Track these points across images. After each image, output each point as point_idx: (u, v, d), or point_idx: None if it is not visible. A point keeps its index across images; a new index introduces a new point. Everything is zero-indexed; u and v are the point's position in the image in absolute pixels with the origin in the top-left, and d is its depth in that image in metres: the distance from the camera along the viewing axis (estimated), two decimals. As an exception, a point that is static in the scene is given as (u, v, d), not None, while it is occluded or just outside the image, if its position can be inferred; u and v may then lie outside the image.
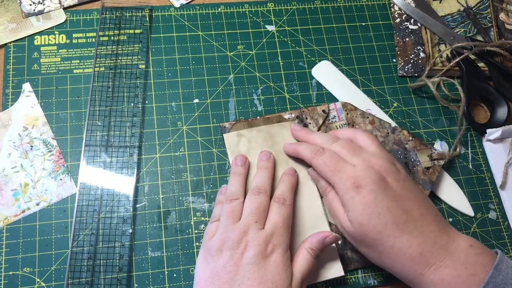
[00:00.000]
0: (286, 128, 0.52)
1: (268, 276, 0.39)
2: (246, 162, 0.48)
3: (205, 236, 0.43)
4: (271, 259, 0.40)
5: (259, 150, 0.50)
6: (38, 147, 0.50)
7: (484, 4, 0.63)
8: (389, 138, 0.52)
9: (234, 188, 0.46)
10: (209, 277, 0.40)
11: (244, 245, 0.40)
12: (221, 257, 0.40)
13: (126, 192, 0.49)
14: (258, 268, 0.39)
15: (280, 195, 0.45)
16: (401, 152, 0.52)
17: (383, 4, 0.62)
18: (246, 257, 0.40)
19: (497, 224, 0.52)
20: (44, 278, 0.45)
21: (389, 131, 0.53)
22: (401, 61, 0.59)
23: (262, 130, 0.51)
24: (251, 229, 0.41)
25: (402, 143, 0.52)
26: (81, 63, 0.54)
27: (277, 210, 0.43)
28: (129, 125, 0.52)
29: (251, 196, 0.44)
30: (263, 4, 0.60)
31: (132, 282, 0.46)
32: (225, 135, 0.51)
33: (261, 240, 0.41)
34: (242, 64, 0.56)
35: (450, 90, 0.58)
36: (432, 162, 0.51)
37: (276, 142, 0.51)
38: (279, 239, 0.41)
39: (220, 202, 0.47)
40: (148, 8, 0.58)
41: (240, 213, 0.43)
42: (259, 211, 0.43)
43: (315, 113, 0.53)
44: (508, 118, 0.55)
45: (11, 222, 0.47)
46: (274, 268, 0.40)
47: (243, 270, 0.39)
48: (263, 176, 0.46)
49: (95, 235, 0.47)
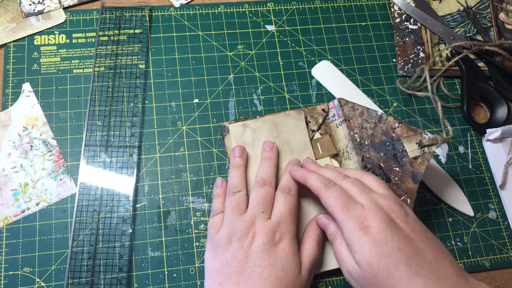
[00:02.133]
0: (291, 117, 0.52)
1: (278, 263, 0.40)
2: (244, 153, 0.49)
3: (210, 230, 0.44)
4: (279, 246, 0.41)
5: (264, 140, 0.50)
6: (38, 147, 0.50)
7: (484, 4, 0.63)
8: (377, 129, 0.49)
9: (236, 180, 0.46)
10: (220, 267, 0.41)
11: (252, 235, 0.41)
12: (230, 248, 0.41)
13: (126, 192, 0.49)
14: (268, 256, 0.40)
15: (285, 185, 0.46)
16: (389, 143, 0.48)
17: (383, 4, 0.62)
18: (255, 245, 0.41)
19: (497, 224, 0.52)
20: (44, 278, 0.45)
21: (376, 120, 0.49)
22: (401, 61, 0.59)
23: (267, 120, 0.51)
24: (258, 219, 0.42)
25: (389, 133, 0.48)
26: (81, 63, 0.54)
27: (283, 199, 0.44)
28: (129, 125, 0.52)
29: (257, 187, 0.45)
30: (263, 4, 0.60)
31: (132, 282, 0.46)
32: (230, 125, 0.51)
33: (269, 229, 0.41)
34: (242, 64, 0.56)
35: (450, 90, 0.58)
36: (421, 150, 0.46)
37: (281, 132, 0.51)
38: (286, 228, 0.42)
39: (218, 195, 0.47)
40: (148, 8, 0.58)
41: (245, 205, 0.44)
42: (265, 202, 0.44)
43: (315, 112, 0.53)
44: (508, 118, 0.55)
45: (11, 222, 0.47)
46: (283, 256, 0.41)
47: (253, 258, 0.40)
48: (268, 168, 0.47)
49: (95, 235, 0.47)
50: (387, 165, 0.49)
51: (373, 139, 0.49)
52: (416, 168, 0.46)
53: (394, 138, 0.48)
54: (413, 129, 0.47)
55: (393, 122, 0.48)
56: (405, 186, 0.47)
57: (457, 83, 0.59)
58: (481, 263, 0.50)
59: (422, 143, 0.46)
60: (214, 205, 0.47)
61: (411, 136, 0.47)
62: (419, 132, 0.47)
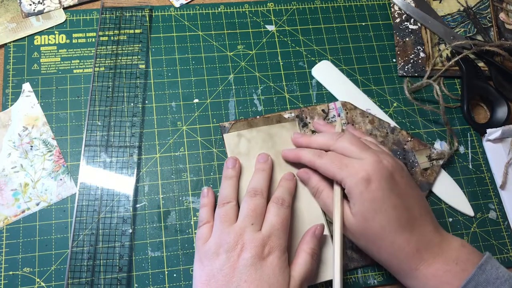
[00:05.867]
0: (286, 129, 0.52)
1: (265, 278, 0.39)
2: (237, 165, 0.48)
3: (198, 241, 0.43)
4: (267, 261, 0.40)
5: (259, 150, 0.50)
6: (38, 147, 0.50)
7: (484, 4, 0.63)
8: (388, 138, 0.52)
9: (226, 191, 0.46)
10: (206, 280, 0.40)
11: (240, 247, 0.40)
12: (217, 260, 0.40)
13: (126, 192, 0.49)
14: (255, 270, 0.39)
15: (279, 196, 0.45)
16: (400, 153, 0.52)
17: (383, 4, 0.62)
18: (243, 258, 0.40)
19: (497, 224, 0.52)
20: (44, 278, 0.45)
21: (389, 131, 0.52)
22: (401, 61, 0.59)
23: (262, 130, 0.51)
24: (247, 231, 0.41)
25: (401, 144, 0.52)
26: (81, 63, 0.54)
27: (275, 211, 0.43)
28: (129, 125, 0.52)
29: (248, 198, 0.44)
30: (263, 4, 0.60)
31: (132, 282, 0.46)
32: (225, 135, 0.51)
33: (258, 242, 0.40)
34: (242, 64, 0.56)
35: (450, 90, 0.58)
36: (430, 162, 0.51)
37: (276, 143, 0.51)
38: (276, 241, 0.41)
39: (205, 204, 0.46)
40: (148, 8, 0.58)
41: (234, 216, 0.43)
42: (255, 213, 0.42)
43: (314, 113, 0.53)
44: (508, 118, 0.55)
45: (11, 222, 0.47)
46: (270, 271, 0.40)
47: (239, 272, 0.39)
48: (260, 178, 0.46)
49: (95, 235, 0.47)
50: None
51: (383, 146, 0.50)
52: (426, 178, 0.51)
53: (406, 149, 0.52)
54: (423, 144, 0.52)
55: (406, 136, 0.52)
56: None
57: (457, 83, 0.59)
58: (481, 263, 0.50)
59: (431, 157, 0.52)
60: (201, 215, 0.46)
61: (421, 150, 0.52)
62: (428, 147, 0.52)
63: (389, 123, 0.53)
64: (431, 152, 0.51)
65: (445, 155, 0.51)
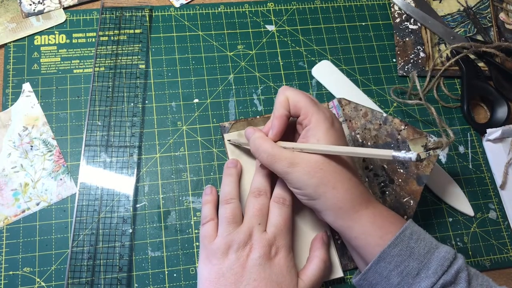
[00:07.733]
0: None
1: (273, 277, 0.40)
2: (238, 165, 0.49)
3: (204, 239, 0.43)
4: (275, 261, 0.41)
5: None
6: (38, 147, 0.50)
7: (484, 4, 0.63)
8: (382, 130, 0.50)
9: (229, 188, 0.46)
10: (215, 278, 0.40)
11: (249, 248, 0.41)
12: (226, 259, 0.41)
13: (126, 192, 0.49)
14: (264, 269, 0.40)
15: (279, 195, 0.45)
16: (394, 145, 0.48)
17: (383, 4, 0.62)
18: (252, 258, 0.41)
19: (497, 224, 0.52)
20: (44, 278, 0.45)
21: (381, 122, 0.50)
22: (401, 61, 0.59)
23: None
24: (255, 231, 0.42)
25: (395, 135, 0.49)
26: (81, 63, 0.54)
27: (278, 211, 0.44)
28: (129, 125, 0.52)
29: (252, 198, 0.44)
30: (263, 4, 0.60)
31: (132, 282, 0.46)
32: (225, 135, 0.51)
33: (265, 242, 0.41)
34: (242, 64, 0.56)
35: (450, 90, 0.58)
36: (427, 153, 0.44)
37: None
38: (282, 241, 0.42)
39: (208, 202, 0.46)
40: (148, 8, 0.58)
41: (240, 215, 0.44)
42: (261, 213, 0.43)
43: (315, 113, 0.53)
44: (508, 118, 0.55)
45: (11, 222, 0.47)
46: (279, 270, 0.41)
47: (249, 271, 0.40)
48: (262, 177, 0.46)
49: (95, 235, 0.47)
50: (391, 167, 0.48)
51: (377, 140, 0.49)
52: (421, 171, 0.47)
53: (399, 140, 0.48)
54: (418, 131, 0.47)
55: (399, 124, 0.48)
56: (409, 188, 0.47)
57: (457, 83, 0.59)
58: (481, 263, 0.50)
59: (428, 146, 0.46)
60: (204, 212, 0.46)
61: (416, 139, 0.47)
62: (424, 135, 0.47)
63: (382, 113, 0.50)
64: (427, 140, 0.47)
65: (442, 143, 0.45)
